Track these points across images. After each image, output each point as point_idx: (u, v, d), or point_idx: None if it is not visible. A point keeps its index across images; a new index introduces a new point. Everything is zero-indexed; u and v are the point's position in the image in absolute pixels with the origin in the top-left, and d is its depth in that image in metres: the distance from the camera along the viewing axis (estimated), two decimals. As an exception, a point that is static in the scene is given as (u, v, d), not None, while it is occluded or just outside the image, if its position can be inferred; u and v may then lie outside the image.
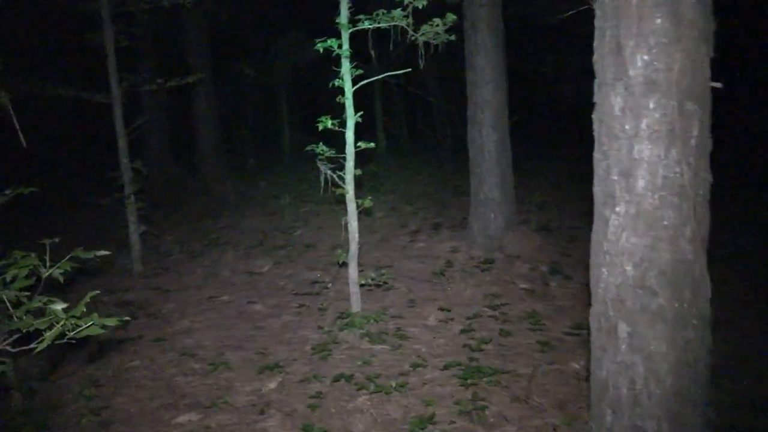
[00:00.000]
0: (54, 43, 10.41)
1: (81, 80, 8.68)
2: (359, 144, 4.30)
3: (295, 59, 12.04)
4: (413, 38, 4.52)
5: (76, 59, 10.77)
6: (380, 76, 4.30)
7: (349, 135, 4.23)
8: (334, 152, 4.39)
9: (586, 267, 2.63)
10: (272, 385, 3.71)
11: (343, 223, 4.41)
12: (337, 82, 4.20)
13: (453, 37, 4.63)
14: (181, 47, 11.04)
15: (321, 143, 4.39)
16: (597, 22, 2.39)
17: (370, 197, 4.44)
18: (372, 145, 4.34)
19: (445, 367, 3.80)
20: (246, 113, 14.87)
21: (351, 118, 4.21)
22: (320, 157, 4.40)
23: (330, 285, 5.58)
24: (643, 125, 2.26)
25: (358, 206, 4.34)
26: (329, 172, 4.47)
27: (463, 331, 4.38)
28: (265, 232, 8.14)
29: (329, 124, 4.14)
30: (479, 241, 6.33)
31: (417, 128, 19.10)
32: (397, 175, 12.95)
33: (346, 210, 4.40)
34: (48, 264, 2.30)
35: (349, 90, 4.18)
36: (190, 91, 11.57)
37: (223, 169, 11.92)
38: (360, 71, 4.25)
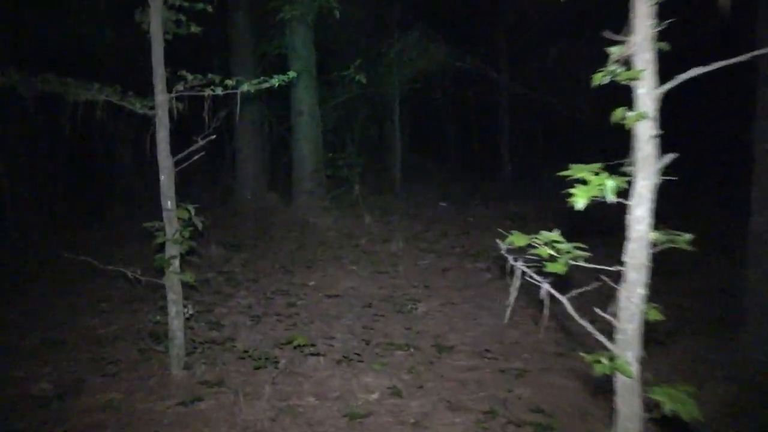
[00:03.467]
0: (99, 29, 8.58)
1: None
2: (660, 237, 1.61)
3: (418, 65, 9.54)
4: None
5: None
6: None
7: (643, 210, 1.56)
8: (578, 258, 1.73)
9: None
10: None
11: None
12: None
13: None
14: (278, 47, 8.93)
15: (544, 232, 1.77)
16: None
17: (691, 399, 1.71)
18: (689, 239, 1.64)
19: None
20: (351, 130, 12.63)
21: (652, 170, 1.54)
22: (542, 253, 1.77)
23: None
24: None
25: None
26: (548, 287, 1.83)
27: None
28: (371, 305, 5.63)
29: (610, 191, 1.49)
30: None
31: (549, 149, 16.10)
32: (534, 210, 10.15)
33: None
34: None
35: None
36: (289, 101, 9.46)
37: (322, 199, 9.65)
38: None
